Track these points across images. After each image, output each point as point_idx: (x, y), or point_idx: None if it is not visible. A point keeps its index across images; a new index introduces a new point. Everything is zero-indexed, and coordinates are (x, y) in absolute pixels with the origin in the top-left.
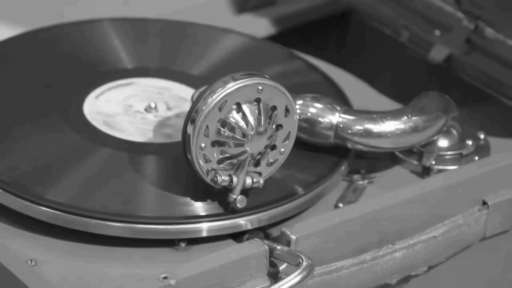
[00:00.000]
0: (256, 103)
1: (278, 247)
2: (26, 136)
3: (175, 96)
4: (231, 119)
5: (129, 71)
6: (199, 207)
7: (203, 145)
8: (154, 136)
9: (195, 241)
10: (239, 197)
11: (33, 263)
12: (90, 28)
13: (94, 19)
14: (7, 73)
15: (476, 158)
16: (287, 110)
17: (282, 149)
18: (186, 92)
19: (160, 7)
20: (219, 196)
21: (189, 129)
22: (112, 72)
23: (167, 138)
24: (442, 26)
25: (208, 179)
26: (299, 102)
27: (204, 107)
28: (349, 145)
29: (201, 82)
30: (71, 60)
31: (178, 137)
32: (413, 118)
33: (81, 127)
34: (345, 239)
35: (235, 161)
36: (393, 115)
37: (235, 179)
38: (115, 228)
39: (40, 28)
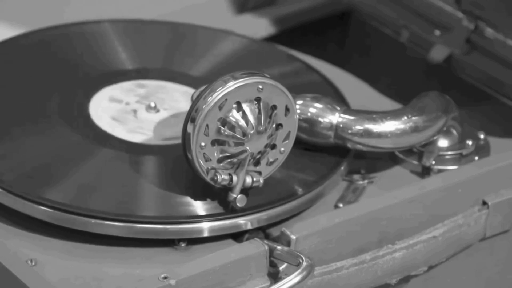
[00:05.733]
0: (256, 102)
1: (278, 247)
2: (26, 136)
3: (178, 97)
4: (231, 118)
5: (129, 72)
6: (199, 207)
7: (203, 144)
8: (154, 136)
9: (195, 241)
10: (239, 196)
11: (33, 263)
12: (90, 29)
13: (94, 20)
14: (7, 74)
15: (476, 158)
16: (287, 110)
17: (282, 149)
18: (186, 93)
19: (160, 8)
20: (219, 196)
21: (189, 128)
22: (112, 73)
23: (167, 138)
24: (442, 26)
25: (208, 178)
26: (299, 102)
27: (204, 106)
28: (349, 145)
29: (201, 83)
30: (71, 61)
31: (178, 137)
32: (413, 118)
33: (81, 127)
34: (345, 239)
35: (235, 160)
36: (393, 115)
37: (235, 178)
38: (115, 228)
39: (40, 29)
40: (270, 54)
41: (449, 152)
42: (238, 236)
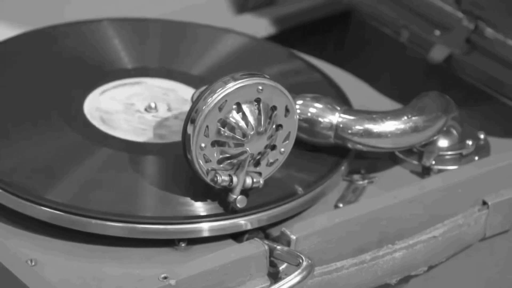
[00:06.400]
0: (256, 103)
1: (278, 247)
2: (26, 136)
3: (177, 97)
4: (231, 119)
5: (129, 71)
6: (199, 207)
7: (203, 145)
8: (154, 136)
9: (195, 241)
10: (239, 197)
11: (33, 263)
12: (90, 28)
13: (94, 19)
14: (7, 73)
15: (476, 158)
16: (287, 110)
17: (282, 149)
18: (186, 93)
19: (160, 7)
20: (219, 196)
21: (189, 129)
22: (112, 72)
23: (167, 138)
24: (442, 26)
25: (208, 179)
26: (299, 102)
27: (204, 107)
28: (349, 145)
29: (201, 82)
30: (71, 60)
31: (177, 138)
32: (413, 118)
33: (81, 127)
34: (345, 239)
35: (235, 161)
36: (393, 115)
37: (235, 179)
38: (115, 228)
39: (40, 28)
40: (271, 53)
41: (449, 152)
42: (238, 236)
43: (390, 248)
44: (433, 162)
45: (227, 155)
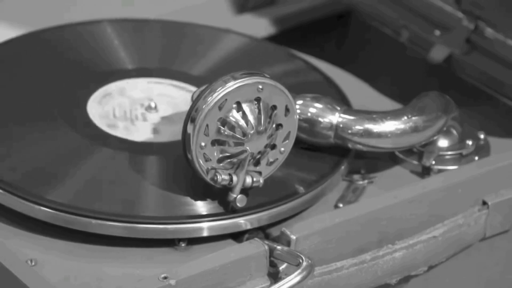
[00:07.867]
0: (256, 102)
1: (278, 247)
2: (26, 136)
3: (175, 96)
4: (231, 118)
5: (129, 71)
6: (199, 207)
7: (203, 144)
8: (154, 136)
9: (195, 241)
10: (239, 196)
11: (33, 263)
12: (90, 29)
13: (94, 20)
14: (8, 74)
15: (476, 158)
16: (287, 110)
17: (282, 149)
18: (186, 92)
19: (160, 7)
20: (219, 195)
21: (189, 128)
22: (112, 73)
23: (167, 138)
24: (442, 26)
25: (208, 178)
26: (299, 102)
27: (204, 106)
28: (349, 145)
29: (201, 82)
30: (71, 61)
31: (177, 137)
32: (413, 118)
33: (81, 127)
34: (345, 239)
35: (235, 160)
36: (393, 115)
37: (235, 178)
38: (115, 228)
39: (40, 29)
40: (271, 53)
41: (449, 152)
42: (238, 236)
43: (390, 248)
44: (433, 162)
45: (227, 154)
